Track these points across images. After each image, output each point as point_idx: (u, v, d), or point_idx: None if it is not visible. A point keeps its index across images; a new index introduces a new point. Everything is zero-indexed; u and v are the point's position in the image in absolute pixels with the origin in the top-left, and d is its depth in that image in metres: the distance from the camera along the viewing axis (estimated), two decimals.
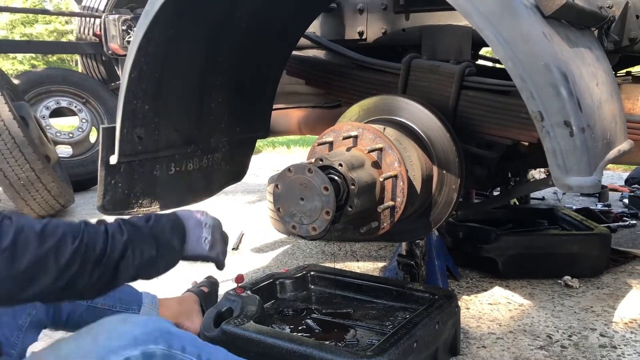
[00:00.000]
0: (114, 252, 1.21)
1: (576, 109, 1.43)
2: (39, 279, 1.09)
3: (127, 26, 4.97)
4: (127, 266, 1.24)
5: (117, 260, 1.22)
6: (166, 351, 1.22)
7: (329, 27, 3.05)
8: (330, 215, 1.69)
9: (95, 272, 1.18)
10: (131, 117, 2.04)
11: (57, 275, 1.11)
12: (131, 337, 1.18)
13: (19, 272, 1.06)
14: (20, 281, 1.08)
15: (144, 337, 1.19)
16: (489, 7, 1.45)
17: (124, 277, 1.25)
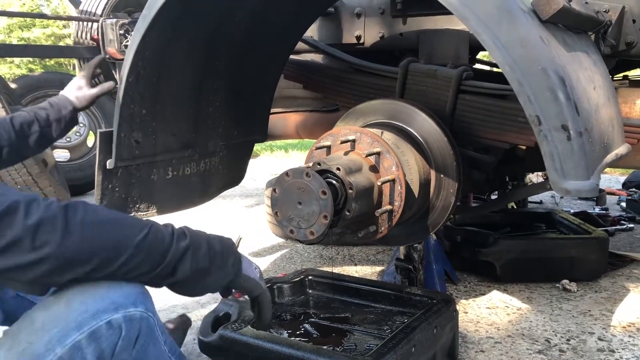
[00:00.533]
0: (175, 253, 1.19)
1: (573, 113, 1.43)
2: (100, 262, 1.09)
3: (125, 30, 4.96)
4: (184, 269, 1.22)
5: (177, 260, 1.20)
6: (144, 313, 1.21)
7: (327, 31, 3.05)
8: (328, 220, 1.69)
9: (154, 268, 1.17)
10: (129, 121, 2.04)
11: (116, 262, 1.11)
12: (110, 300, 1.15)
13: (77, 253, 1.06)
14: (76, 262, 1.07)
15: (123, 300, 1.17)
16: (486, 12, 1.45)
17: (181, 278, 1.23)
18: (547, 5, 1.50)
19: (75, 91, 1.93)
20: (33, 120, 1.80)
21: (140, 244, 1.14)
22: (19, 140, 1.76)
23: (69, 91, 1.93)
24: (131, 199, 2.15)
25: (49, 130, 1.83)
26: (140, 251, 1.14)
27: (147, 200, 2.21)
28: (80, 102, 1.92)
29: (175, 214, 2.42)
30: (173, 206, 2.36)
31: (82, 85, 1.94)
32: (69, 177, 5.50)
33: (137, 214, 2.18)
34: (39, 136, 1.80)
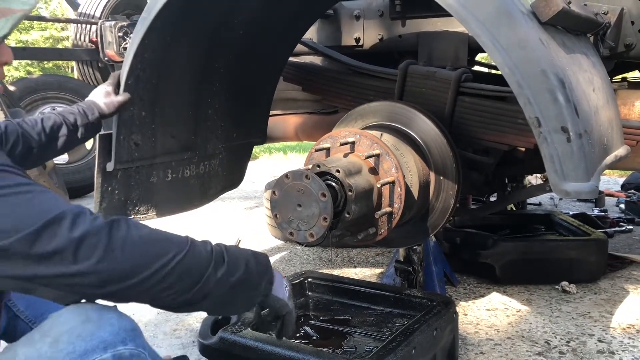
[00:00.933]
0: (211, 279, 1.18)
1: (573, 114, 1.43)
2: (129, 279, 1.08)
3: (124, 33, 4.96)
4: (216, 295, 1.21)
5: (211, 287, 1.18)
6: (134, 350, 1.19)
7: (326, 33, 3.06)
8: (327, 222, 1.69)
9: (188, 290, 1.15)
10: (128, 124, 2.04)
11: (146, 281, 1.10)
12: (99, 339, 1.13)
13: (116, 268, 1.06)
14: (115, 276, 1.07)
15: (112, 338, 1.15)
16: (485, 14, 1.45)
17: (210, 305, 1.23)
18: (546, 7, 1.50)
19: (103, 98, 1.96)
20: (62, 124, 1.82)
21: (179, 263, 1.13)
22: (48, 142, 1.79)
23: (97, 97, 1.97)
24: (131, 201, 2.15)
25: (75, 134, 1.86)
26: (177, 271, 1.13)
27: (147, 202, 2.21)
28: (109, 108, 1.95)
29: (174, 216, 2.42)
30: (172, 208, 2.36)
31: (110, 92, 1.97)
32: (67, 179, 5.49)
33: (136, 217, 2.18)
34: (66, 139, 1.84)
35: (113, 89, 1.98)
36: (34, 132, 1.73)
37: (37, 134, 1.74)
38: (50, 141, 1.79)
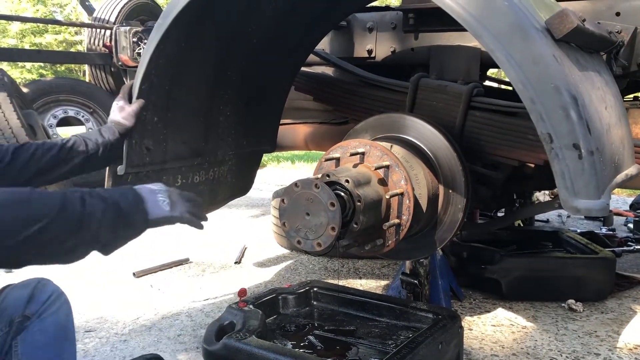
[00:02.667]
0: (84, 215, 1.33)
1: (585, 132, 1.43)
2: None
3: (138, 38, 5.01)
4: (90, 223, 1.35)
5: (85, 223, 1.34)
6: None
7: (339, 44, 3.08)
8: (335, 232, 1.69)
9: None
10: (140, 129, 2.05)
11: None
12: None
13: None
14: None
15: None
16: (500, 29, 1.46)
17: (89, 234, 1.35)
18: (561, 24, 1.50)
19: (119, 113, 2.03)
20: (81, 144, 1.92)
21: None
22: (66, 161, 1.89)
23: (113, 116, 2.04)
24: None
25: (95, 153, 1.95)
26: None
27: None
28: (127, 120, 2.02)
29: None
30: None
31: (123, 105, 2.04)
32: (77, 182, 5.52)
33: None
34: (86, 157, 1.92)
35: (124, 102, 2.05)
36: (48, 154, 1.83)
37: (52, 155, 1.84)
38: (68, 160, 1.88)
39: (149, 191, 1.51)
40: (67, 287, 3.30)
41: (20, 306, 1.49)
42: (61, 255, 1.34)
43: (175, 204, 1.54)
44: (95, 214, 1.35)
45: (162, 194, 1.53)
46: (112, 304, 3.04)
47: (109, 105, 2.22)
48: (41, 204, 1.28)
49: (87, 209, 1.34)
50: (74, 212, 1.31)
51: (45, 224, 1.25)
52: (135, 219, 1.46)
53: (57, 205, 1.29)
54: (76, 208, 1.32)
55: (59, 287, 1.59)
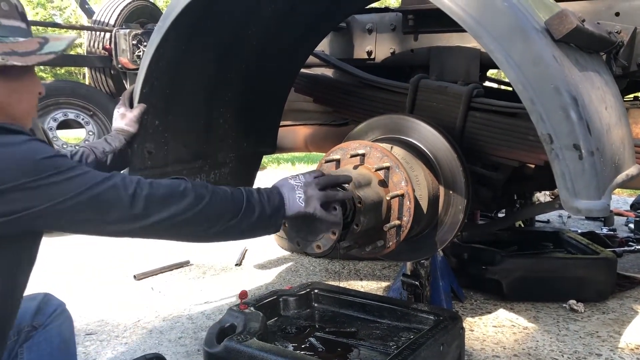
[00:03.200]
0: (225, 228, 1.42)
1: (585, 132, 1.43)
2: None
3: (138, 41, 5.01)
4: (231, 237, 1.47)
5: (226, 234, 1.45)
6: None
7: (338, 46, 3.08)
8: (336, 235, 1.68)
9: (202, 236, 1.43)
10: (141, 132, 2.05)
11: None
12: None
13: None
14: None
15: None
16: (499, 30, 1.46)
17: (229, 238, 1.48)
18: (560, 24, 1.50)
19: (121, 120, 2.06)
20: (90, 154, 1.94)
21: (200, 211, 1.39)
22: None
23: (117, 124, 2.07)
24: None
25: (104, 162, 1.97)
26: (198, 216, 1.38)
27: None
28: (130, 126, 2.05)
29: None
30: None
31: (124, 112, 2.07)
32: None
33: None
34: (95, 168, 1.93)
35: (125, 109, 2.07)
36: None
37: None
38: None
39: (290, 189, 1.56)
40: (68, 289, 3.31)
41: (29, 317, 1.57)
42: (201, 239, 1.47)
43: (310, 199, 1.56)
44: (251, 218, 1.45)
45: (300, 189, 1.56)
46: (113, 306, 3.04)
47: (109, 108, 2.23)
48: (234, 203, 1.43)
49: (244, 212, 1.43)
50: (238, 210, 1.43)
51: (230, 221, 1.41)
52: (273, 222, 1.53)
53: (243, 204, 1.43)
54: (237, 210, 1.43)
55: (62, 301, 1.66)
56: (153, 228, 1.32)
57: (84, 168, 1.29)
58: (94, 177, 1.27)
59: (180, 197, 1.34)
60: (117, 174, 1.32)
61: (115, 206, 1.27)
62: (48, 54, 1.38)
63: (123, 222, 1.29)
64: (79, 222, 1.27)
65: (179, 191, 1.35)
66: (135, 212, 1.28)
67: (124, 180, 1.30)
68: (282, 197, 1.54)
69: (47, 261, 3.83)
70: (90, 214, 1.26)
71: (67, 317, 1.67)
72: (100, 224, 1.28)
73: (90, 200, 1.25)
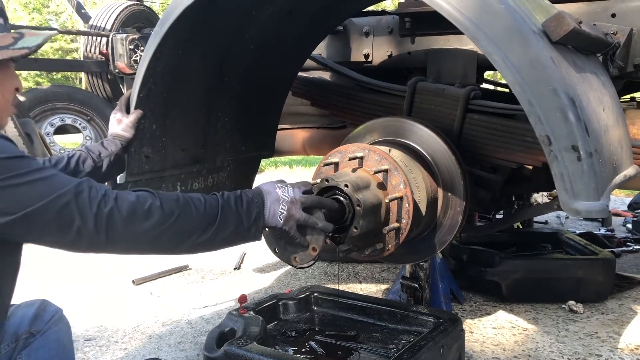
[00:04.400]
0: (196, 242, 1.38)
1: (584, 133, 1.43)
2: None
3: (134, 45, 5.01)
4: (203, 248, 1.42)
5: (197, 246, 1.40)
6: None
7: (335, 49, 3.08)
8: (316, 252, 1.64)
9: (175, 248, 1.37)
10: (139, 137, 2.05)
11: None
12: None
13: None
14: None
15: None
16: (497, 32, 1.46)
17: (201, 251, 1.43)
18: (557, 26, 1.51)
19: (118, 126, 2.06)
20: (87, 158, 1.94)
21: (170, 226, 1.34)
22: (74, 175, 1.88)
23: (113, 129, 2.07)
24: None
25: (100, 166, 1.97)
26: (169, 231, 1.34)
27: None
28: (127, 131, 2.05)
29: None
30: None
31: (120, 117, 2.07)
32: None
33: None
34: (91, 171, 1.94)
35: (122, 114, 2.07)
36: (55, 168, 1.82)
37: (59, 169, 1.84)
38: (75, 175, 1.88)
39: (274, 200, 1.51)
40: (67, 295, 3.30)
41: (26, 323, 1.56)
42: (172, 253, 1.41)
43: (290, 218, 1.52)
44: (226, 231, 1.41)
45: (285, 205, 1.52)
46: (112, 312, 3.03)
47: (106, 113, 2.23)
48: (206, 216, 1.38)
49: (218, 226, 1.39)
50: (212, 220, 1.39)
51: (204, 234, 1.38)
52: (252, 234, 1.49)
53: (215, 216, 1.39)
54: (210, 223, 1.38)
55: (60, 307, 1.65)
56: (116, 246, 1.28)
57: (49, 171, 1.23)
58: (57, 186, 1.21)
59: (145, 216, 1.28)
60: (83, 184, 1.24)
61: (77, 223, 1.20)
62: (21, 49, 1.35)
63: (84, 239, 1.23)
64: (36, 234, 1.21)
65: (143, 209, 1.28)
66: (98, 230, 1.22)
67: (89, 192, 1.23)
68: (263, 206, 1.49)
69: (45, 266, 3.82)
70: (49, 227, 1.20)
71: (65, 323, 1.66)
72: (59, 239, 1.23)
73: (49, 213, 1.18)
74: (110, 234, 1.24)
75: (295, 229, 1.55)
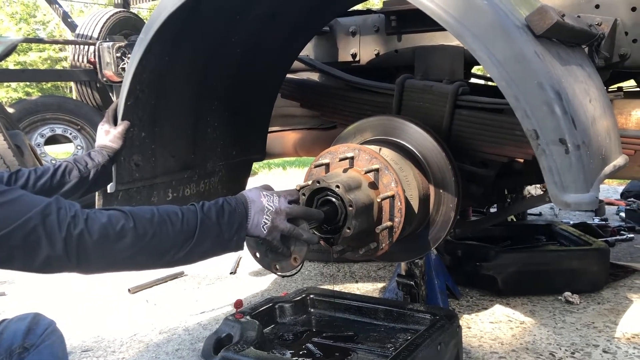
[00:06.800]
0: (173, 258, 1.36)
1: (571, 126, 1.44)
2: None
3: (122, 53, 4.99)
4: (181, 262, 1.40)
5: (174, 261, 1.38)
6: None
7: (323, 49, 3.08)
8: (297, 263, 1.63)
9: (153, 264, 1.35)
10: (128, 145, 2.05)
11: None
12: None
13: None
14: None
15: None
16: (481, 28, 1.46)
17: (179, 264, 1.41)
18: (540, 20, 1.51)
19: (105, 137, 2.05)
20: (73, 168, 1.93)
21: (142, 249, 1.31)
22: (58, 185, 1.89)
23: (100, 140, 2.06)
24: None
25: (86, 176, 1.96)
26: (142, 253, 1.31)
27: None
28: (114, 142, 2.04)
29: None
30: None
31: (108, 129, 2.07)
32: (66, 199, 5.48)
33: None
34: (78, 182, 1.93)
35: (109, 125, 2.06)
36: (41, 180, 1.83)
37: (45, 180, 1.84)
38: (61, 185, 1.89)
39: (259, 210, 1.48)
40: (62, 306, 3.28)
41: (19, 338, 1.54)
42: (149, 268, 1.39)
43: (274, 229, 1.50)
44: (204, 245, 1.39)
45: (269, 215, 1.49)
46: (109, 321, 3.02)
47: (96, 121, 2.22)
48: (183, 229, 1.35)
49: (196, 241, 1.37)
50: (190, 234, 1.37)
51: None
52: (233, 244, 1.46)
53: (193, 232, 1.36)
54: (187, 239, 1.36)
55: (53, 320, 1.63)
56: (89, 268, 1.26)
57: (13, 193, 1.18)
58: (23, 210, 1.16)
59: (117, 237, 1.24)
60: (52, 205, 1.20)
61: (45, 247, 1.16)
62: None
63: (53, 264, 1.19)
64: (1, 260, 1.16)
65: (115, 231, 1.24)
66: (69, 253, 1.19)
67: (58, 214, 1.19)
68: (246, 216, 1.46)
69: (40, 278, 3.80)
70: (16, 253, 1.16)
71: (59, 335, 1.64)
72: (27, 264, 1.19)
73: (15, 239, 1.14)
74: (82, 257, 1.21)
75: (279, 239, 1.53)
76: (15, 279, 3.78)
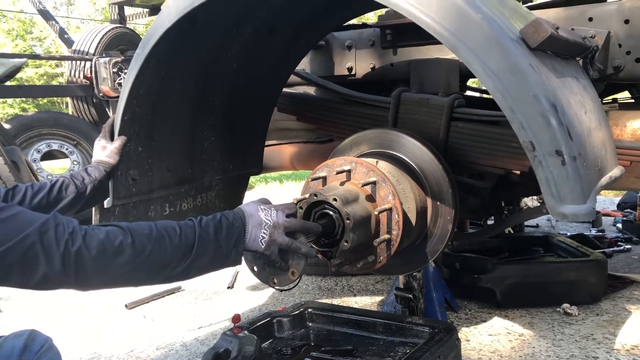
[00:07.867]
0: (171, 274, 1.36)
1: (566, 137, 1.44)
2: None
3: (118, 68, 5.01)
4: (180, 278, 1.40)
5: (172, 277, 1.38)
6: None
7: (319, 63, 3.09)
8: (295, 276, 1.63)
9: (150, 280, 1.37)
10: (125, 160, 2.04)
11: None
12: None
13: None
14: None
15: None
16: (475, 41, 1.47)
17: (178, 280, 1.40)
18: (535, 33, 1.52)
19: (102, 152, 2.06)
20: (69, 184, 1.93)
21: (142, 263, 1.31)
22: (55, 201, 1.89)
23: (97, 155, 2.07)
24: None
25: (83, 192, 1.96)
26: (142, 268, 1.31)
27: None
28: (111, 158, 2.05)
29: None
30: None
31: (104, 144, 2.07)
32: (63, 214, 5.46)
33: None
34: (74, 197, 1.93)
35: (106, 141, 2.07)
36: (38, 196, 1.83)
37: (42, 196, 1.84)
38: (58, 201, 1.89)
39: (256, 224, 1.48)
40: (59, 322, 3.26)
41: (16, 355, 1.51)
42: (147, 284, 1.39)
43: (272, 243, 1.50)
44: (202, 260, 1.39)
45: (267, 229, 1.49)
46: (106, 337, 2.99)
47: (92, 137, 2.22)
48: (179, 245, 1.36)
49: (195, 256, 1.37)
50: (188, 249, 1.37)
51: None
52: (232, 259, 1.46)
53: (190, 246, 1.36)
54: (186, 254, 1.36)
55: (49, 337, 1.62)
56: (87, 285, 1.25)
57: (11, 210, 1.18)
58: (21, 227, 1.16)
59: (115, 253, 1.24)
60: (49, 222, 1.20)
61: (43, 264, 1.16)
62: None
63: (51, 281, 1.19)
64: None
65: (113, 247, 1.24)
66: (67, 270, 1.18)
67: (55, 230, 1.19)
68: (244, 230, 1.46)
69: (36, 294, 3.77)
70: (13, 270, 1.15)
71: (55, 352, 1.62)
72: (24, 281, 1.18)
73: (12, 256, 1.13)
74: (80, 273, 1.20)
75: (277, 253, 1.53)
76: (11, 295, 3.75)
